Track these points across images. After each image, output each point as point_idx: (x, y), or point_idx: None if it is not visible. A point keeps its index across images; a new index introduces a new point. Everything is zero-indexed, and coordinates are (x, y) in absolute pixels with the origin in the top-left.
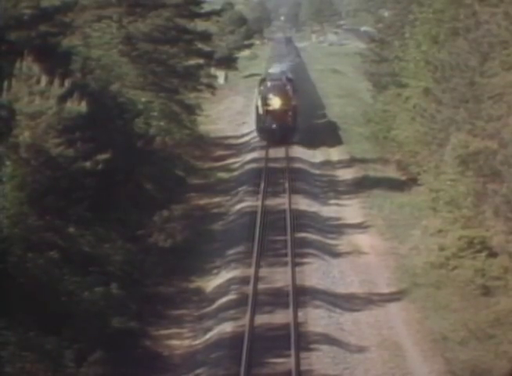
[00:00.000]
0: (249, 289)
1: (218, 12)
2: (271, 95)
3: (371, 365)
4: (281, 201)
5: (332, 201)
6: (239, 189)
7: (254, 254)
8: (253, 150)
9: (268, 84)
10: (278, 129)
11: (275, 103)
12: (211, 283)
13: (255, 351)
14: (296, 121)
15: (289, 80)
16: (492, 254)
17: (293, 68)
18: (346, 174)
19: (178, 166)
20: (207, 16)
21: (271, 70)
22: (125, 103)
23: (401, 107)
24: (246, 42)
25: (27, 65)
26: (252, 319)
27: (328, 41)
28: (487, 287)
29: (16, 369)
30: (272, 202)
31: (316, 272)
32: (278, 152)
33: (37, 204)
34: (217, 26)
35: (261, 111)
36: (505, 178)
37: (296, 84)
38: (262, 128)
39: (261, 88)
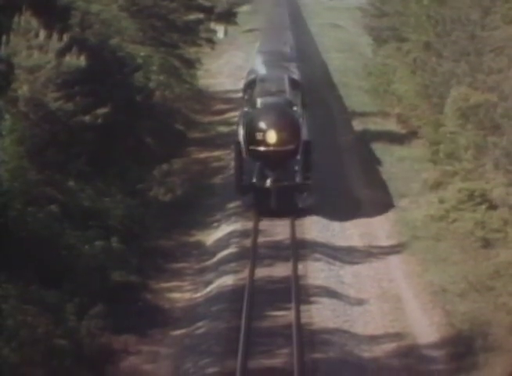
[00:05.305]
0: (249, 242)
1: None
2: (263, 125)
3: (371, 317)
4: None
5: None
6: None
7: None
8: None
9: (259, 101)
10: (274, 188)
11: (271, 138)
12: (212, 237)
13: (256, 304)
14: (308, 172)
15: (294, 85)
16: (492, 207)
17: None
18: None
19: (177, 120)
20: None
21: (265, 70)
22: (125, 57)
23: (401, 61)
24: None
25: (26, 19)
26: (252, 273)
27: None
28: (487, 240)
29: (18, 322)
30: None
31: (316, 225)
32: None
33: (36, 158)
34: None
35: (244, 153)
36: (505, 130)
37: (305, 92)
38: (246, 187)
39: (247, 107)
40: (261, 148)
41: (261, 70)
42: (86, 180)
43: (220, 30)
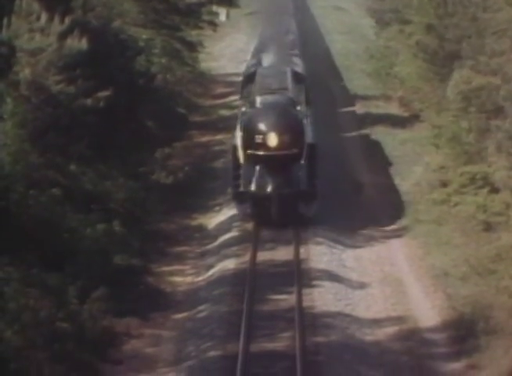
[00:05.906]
0: (251, 226)
1: None
2: (262, 127)
3: (373, 301)
4: None
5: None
6: None
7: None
8: None
9: (258, 100)
10: (275, 196)
11: (271, 141)
12: (213, 220)
13: (257, 288)
14: (313, 178)
15: (297, 79)
16: (494, 190)
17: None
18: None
19: (179, 103)
20: None
21: (265, 63)
22: (126, 40)
23: (403, 43)
24: None
25: (27, 2)
26: (254, 256)
27: None
28: (488, 223)
29: (20, 305)
30: None
31: (318, 209)
32: None
33: (38, 141)
34: None
35: (241, 158)
36: (507, 113)
37: (310, 88)
38: (243, 195)
39: (245, 106)
40: (261, 152)
41: (262, 62)
42: (88, 163)
43: (222, 12)
